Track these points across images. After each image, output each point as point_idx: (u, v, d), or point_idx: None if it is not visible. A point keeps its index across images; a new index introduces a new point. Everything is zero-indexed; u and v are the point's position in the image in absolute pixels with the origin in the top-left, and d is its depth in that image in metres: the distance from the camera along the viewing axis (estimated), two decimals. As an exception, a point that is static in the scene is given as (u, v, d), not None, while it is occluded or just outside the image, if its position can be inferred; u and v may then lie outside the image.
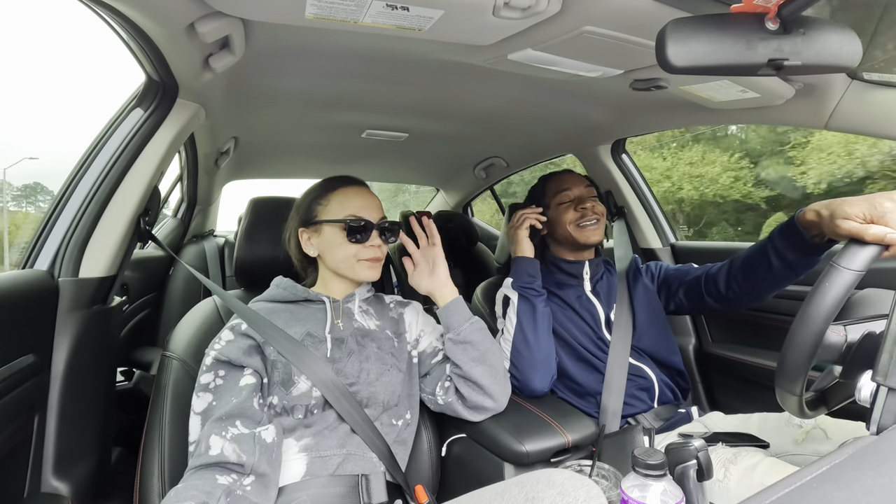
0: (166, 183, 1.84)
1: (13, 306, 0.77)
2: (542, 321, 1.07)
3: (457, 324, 0.91)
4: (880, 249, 0.61)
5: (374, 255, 0.92)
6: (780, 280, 0.94)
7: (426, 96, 1.27)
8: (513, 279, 1.12)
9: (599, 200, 1.23)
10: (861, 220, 0.66)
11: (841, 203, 0.70)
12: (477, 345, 0.90)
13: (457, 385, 0.91)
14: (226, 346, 0.83)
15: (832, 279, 0.57)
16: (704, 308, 1.13)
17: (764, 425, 0.98)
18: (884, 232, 0.62)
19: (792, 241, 0.86)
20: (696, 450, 0.61)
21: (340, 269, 0.93)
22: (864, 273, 0.58)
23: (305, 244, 0.95)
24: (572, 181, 1.23)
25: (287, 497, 0.75)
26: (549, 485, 0.59)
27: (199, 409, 0.78)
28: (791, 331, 0.58)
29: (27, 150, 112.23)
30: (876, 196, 0.67)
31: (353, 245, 0.90)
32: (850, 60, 0.59)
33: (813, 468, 0.38)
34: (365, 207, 0.93)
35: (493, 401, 0.91)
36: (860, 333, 0.59)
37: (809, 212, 0.79)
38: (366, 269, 0.92)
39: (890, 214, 0.64)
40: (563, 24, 0.76)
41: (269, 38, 0.86)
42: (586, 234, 1.16)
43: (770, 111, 1.10)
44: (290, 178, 2.51)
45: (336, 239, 0.91)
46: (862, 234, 0.63)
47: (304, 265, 1.00)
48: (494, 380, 0.91)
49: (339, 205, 0.92)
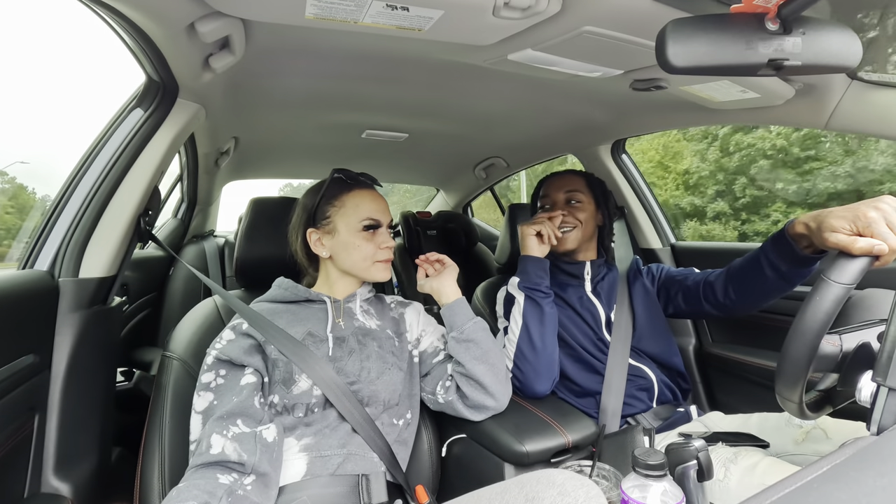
0: (166, 183, 1.84)
1: (13, 306, 0.77)
2: (549, 323, 1.06)
3: (460, 322, 0.93)
4: (870, 261, 0.61)
5: (388, 256, 0.94)
6: (776, 289, 0.94)
7: (426, 96, 1.27)
8: (519, 279, 1.10)
9: (596, 204, 1.21)
10: (848, 231, 0.65)
11: (827, 215, 0.70)
12: (480, 343, 0.91)
13: (458, 383, 0.91)
14: (227, 346, 0.83)
15: (822, 293, 0.57)
16: (703, 313, 1.13)
17: (764, 425, 0.98)
18: (870, 245, 0.61)
19: (783, 252, 0.86)
20: (697, 450, 0.60)
21: (355, 269, 0.93)
22: (854, 286, 0.58)
23: (315, 244, 0.95)
24: (552, 186, 1.23)
25: (287, 497, 0.75)
26: (549, 485, 0.59)
27: (200, 409, 0.78)
28: (785, 344, 0.58)
29: (21, 152, 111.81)
30: (860, 206, 0.67)
31: (370, 247, 0.92)
32: (850, 60, 0.59)
33: (813, 468, 0.38)
34: (379, 210, 0.94)
35: (494, 400, 0.91)
36: (855, 343, 0.59)
37: (798, 224, 0.79)
38: (381, 269, 0.93)
39: (875, 224, 0.63)
40: (563, 24, 0.76)
41: (269, 38, 0.86)
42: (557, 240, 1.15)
43: (770, 111, 1.10)
44: (291, 178, 2.52)
45: (354, 241, 0.91)
46: (849, 247, 0.62)
47: (307, 264, 1.00)
48: (496, 379, 0.91)
49: (356, 207, 0.93)
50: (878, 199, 0.67)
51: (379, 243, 0.92)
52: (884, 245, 0.61)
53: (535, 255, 1.11)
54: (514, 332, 1.07)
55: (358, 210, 0.92)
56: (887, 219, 0.63)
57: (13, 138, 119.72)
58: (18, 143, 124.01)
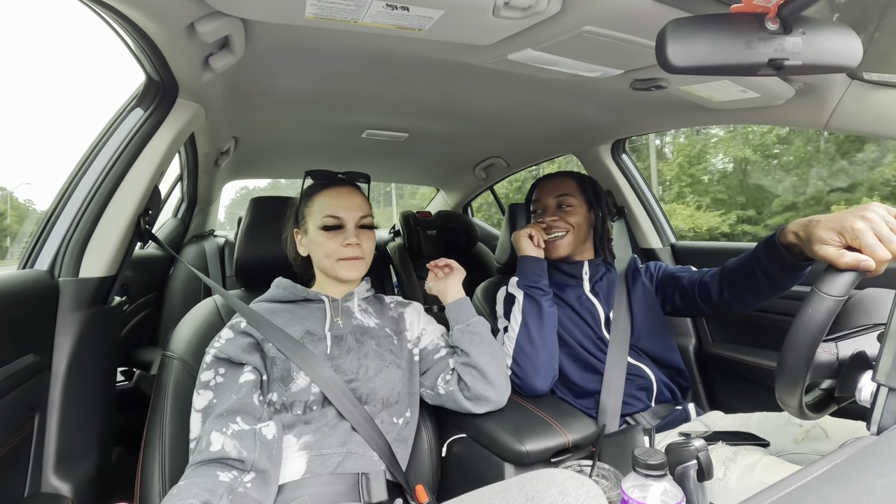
0: (166, 183, 1.84)
1: (13, 306, 0.77)
2: (547, 321, 1.07)
3: (466, 317, 0.97)
4: (859, 274, 0.60)
5: (353, 253, 0.93)
6: (768, 292, 0.93)
7: (426, 96, 1.27)
8: (518, 278, 1.13)
9: (589, 205, 1.21)
10: (836, 244, 0.65)
11: (816, 226, 0.69)
12: (484, 336, 0.95)
13: (461, 374, 0.92)
14: (225, 344, 0.84)
15: (814, 306, 0.57)
16: (699, 312, 1.13)
17: (764, 424, 0.98)
18: (857, 260, 0.61)
19: (774, 259, 0.85)
20: (697, 450, 0.60)
21: (324, 267, 0.95)
22: (846, 297, 0.58)
23: (299, 245, 0.99)
24: (543, 191, 1.23)
25: (287, 495, 0.75)
26: (549, 484, 0.59)
27: (199, 407, 0.78)
28: (781, 355, 0.58)
29: (20, 151, 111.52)
30: (848, 216, 0.65)
31: (331, 244, 0.92)
32: (851, 60, 0.59)
33: (813, 468, 0.38)
34: (344, 207, 0.94)
35: (495, 391, 0.92)
36: (851, 351, 0.59)
37: (788, 233, 0.78)
38: (346, 268, 0.93)
39: (862, 236, 0.62)
40: (563, 24, 0.76)
41: (269, 38, 0.87)
42: (549, 247, 1.17)
43: (770, 111, 1.10)
44: (290, 178, 2.51)
45: (317, 239, 0.93)
46: (836, 262, 0.62)
47: (303, 265, 1.02)
48: (498, 370, 0.93)
49: (320, 206, 0.95)
50: (867, 207, 0.66)
51: (341, 241, 0.92)
52: (870, 261, 0.61)
53: (531, 255, 1.13)
54: (513, 329, 1.09)
55: (322, 208, 0.94)
56: (875, 229, 0.63)
57: (13, 137, 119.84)
58: (17, 143, 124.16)
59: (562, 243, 1.18)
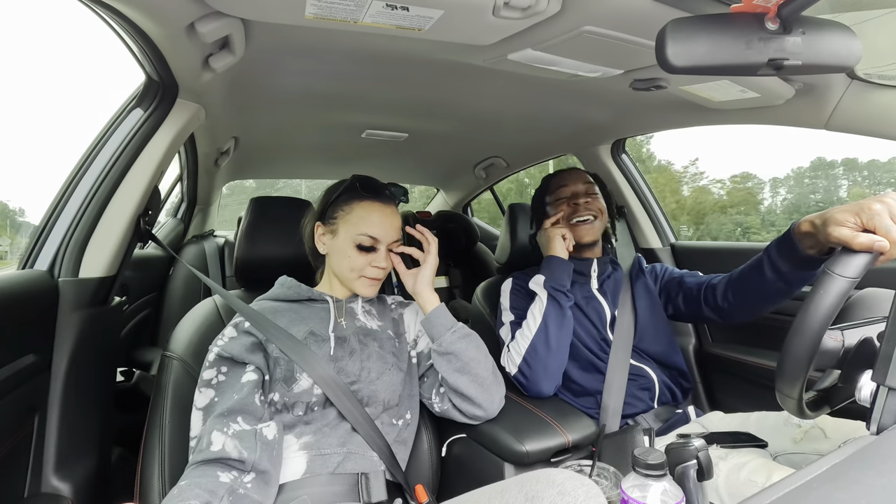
0: (166, 183, 1.84)
1: (13, 306, 0.77)
2: (566, 327, 1.06)
3: (439, 333, 0.90)
4: (873, 256, 0.60)
5: (377, 275, 0.92)
6: (775, 294, 0.93)
7: (426, 96, 1.27)
8: (545, 277, 1.10)
9: (606, 199, 1.22)
10: (852, 225, 0.65)
11: (833, 210, 0.70)
12: (460, 355, 0.88)
13: (448, 394, 0.92)
14: (229, 343, 0.83)
15: (826, 286, 0.56)
16: (701, 317, 1.12)
17: (763, 424, 0.98)
18: (871, 240, 0.60)
19: (786, 253, 0.85)
20: (697, 450, 0.60)
21: (341, 276, 0.94)
22: (858, 280, 0.57)
23: (318, 238, 0.96)
24: (570, 178, 1.23)
25: (287, 495, 0.75)
26: (548, 484, 0.59)
27: (200, 405, 0.78)
28: (787, 339, 0.58)
29: (21, 152, 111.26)
30: (866, 200, 0.66)
31: (359, 261, 0.91)
32: (850, 60, 0.59)
33: (813, 468, 0.38)
34: (384, 227, 0.91)
35: (482, 410, 0.91)
36: (858, 338, 0.59)
37: (805, 223, 0.78)
38: (366, 285, 0.92)
39: (878, 217, 0.63)
40: (563, 24, 0.76)
41: (269, 38, 0.86)
42: (579, 231, 1.16)
43: (770, 111, 1.10)
44: (291, 178, 2.52)
45: (346, 249, 0.91)
46: (850, 242, 0.62)
47: (314, 256, 1.00)
48: (481, 388, 0.89)
49: (360, 218, 0.91)
50: (885, 193, 0.67)
51: (370, 261, 0.91)
52: (884, 242, 0.60)
53: (560, 256, 1.12)
54: (530, 328, 1.07)
55: (361, 223, 0.91)
56: (892, 212, 0.63)
57: (12, 137, 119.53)
58: (17, 143, 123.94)
59: (591, 228, 1.17)
